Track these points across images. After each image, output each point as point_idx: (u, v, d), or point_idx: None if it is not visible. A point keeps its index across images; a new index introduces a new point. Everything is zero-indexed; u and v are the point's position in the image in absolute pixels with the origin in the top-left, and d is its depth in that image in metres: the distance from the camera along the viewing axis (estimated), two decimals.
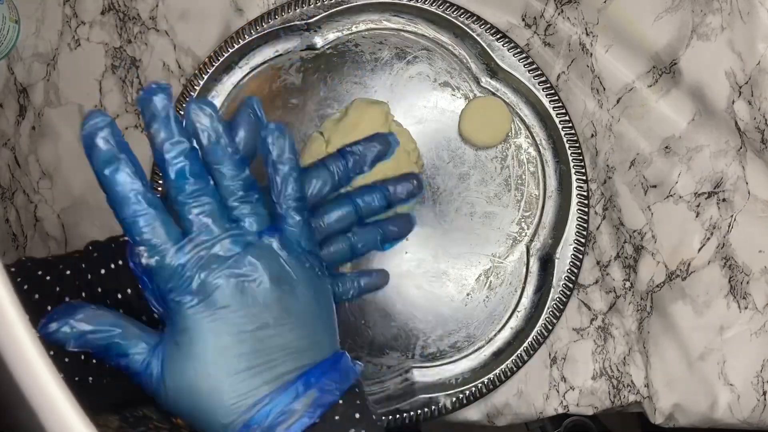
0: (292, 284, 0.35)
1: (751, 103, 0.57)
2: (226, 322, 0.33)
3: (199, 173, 0.34)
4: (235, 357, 0.33)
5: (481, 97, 0.59)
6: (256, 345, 0.34)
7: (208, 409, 0.34)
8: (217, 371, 0.33)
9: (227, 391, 0.33)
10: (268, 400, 0.33)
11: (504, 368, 0.57)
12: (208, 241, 0.34)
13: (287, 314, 0.35)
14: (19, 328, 0.21)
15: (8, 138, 0.63)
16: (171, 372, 0.34)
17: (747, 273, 0.58)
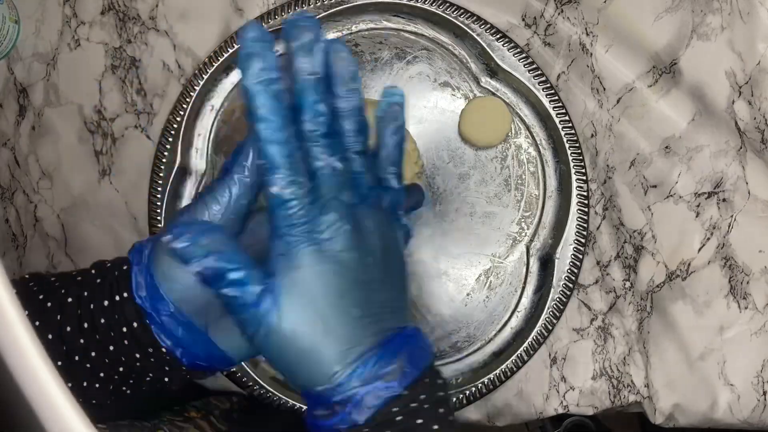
0: (392, 247, 0.37)
1: (751, 103, 0.57)
2: (347, 266, 0.34)
3: (334, 118, 0.35)
4: (352, 303, 0.34)
5: (481, 97, 0.59)
6: (367, 295, 0.34)
7: (317, 354, 0.33)
8: (334, 314, 0.33)
9: (341, 337, 0.33)
10: (375, 351, 0.33)
11: (504, 368, 0.57)
12: (335, 184, 0.34)
13: (389, 273, 0.36)
14: (19, 329, 0.21)
15: (8, 138, 0.63)
16: (287, 310, 0.33)
17: (747, 273, 0.58)
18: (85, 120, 0.62)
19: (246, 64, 0.32)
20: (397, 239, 0.38)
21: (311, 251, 0.33)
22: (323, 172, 0.34)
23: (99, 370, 0.39)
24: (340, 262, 0.33)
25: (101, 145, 0.62)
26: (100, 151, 0.62)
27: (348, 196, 0.35)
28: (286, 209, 0.33)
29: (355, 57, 0.35)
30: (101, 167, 0.62)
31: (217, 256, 0.33)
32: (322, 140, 0.34)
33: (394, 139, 0.38)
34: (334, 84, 0.35)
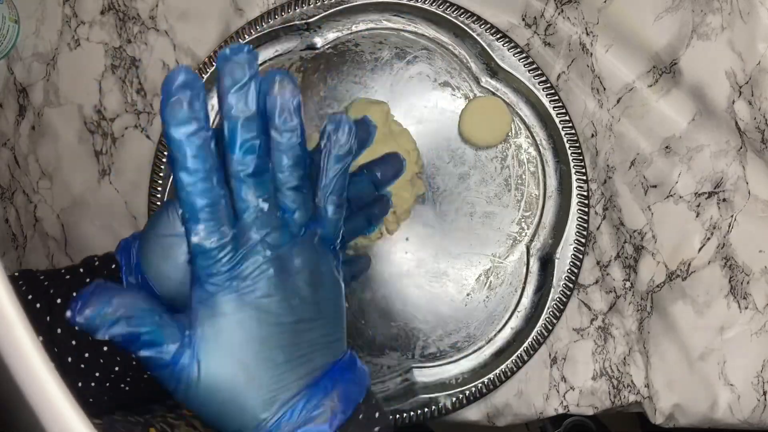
0: (324, 281, 0.35)
1: (752, 103, 0.57)
2: (270, 312, 0.32)
3: (266, 154, 0.33)
4: (275, 349, 0.33)
5: (481, 97, 0.59)
6: (293, 338, 0.33)
7: (242, 404, 0.32)
8: (256, 362, 0.32)
9: (266, 384, 0.32)
10: (303, 395, 0.33)
11: (504, 368, 0.57)
12: (261, 227, 0.33)
13: (318, 310, 0.34)
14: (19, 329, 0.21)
15: (8, 138, 0.63)
16: (206, 362, 0.32)
17: (747, 273, 0.58)
18: (85, 120, 0.62)
19: (168, 112, 0.30)
20: (332, 271, 0.36)
21: (232, 299, 0.32)
22: (249, 214, 0.33)
23: (94, 370, 0.38)
24: (260, 308, 0.32)
25: (101, 145, 0.62)
26: (100, 151, 0.62)
27: (275, 237, 0.33)
28: (207, 258, 0.32)
29: (298, 92, 0.33)
30: (101, 167, 0.62)
31: (126, 322, 0.31)
32: (250, 180, 0.32)
33: (337, 167, 0.35)
34: (272, 117, 0.32)
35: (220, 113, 0.32)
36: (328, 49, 0.60)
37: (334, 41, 0.60)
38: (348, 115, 0.35)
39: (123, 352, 0.38)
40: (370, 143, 0.40)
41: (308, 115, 0.60)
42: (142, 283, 0.36)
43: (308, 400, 0.33)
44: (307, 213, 0.35)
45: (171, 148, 0.31)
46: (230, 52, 0.31)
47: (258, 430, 0.32)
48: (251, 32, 0.59)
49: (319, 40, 0.60)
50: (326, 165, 0.35)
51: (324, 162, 0.35)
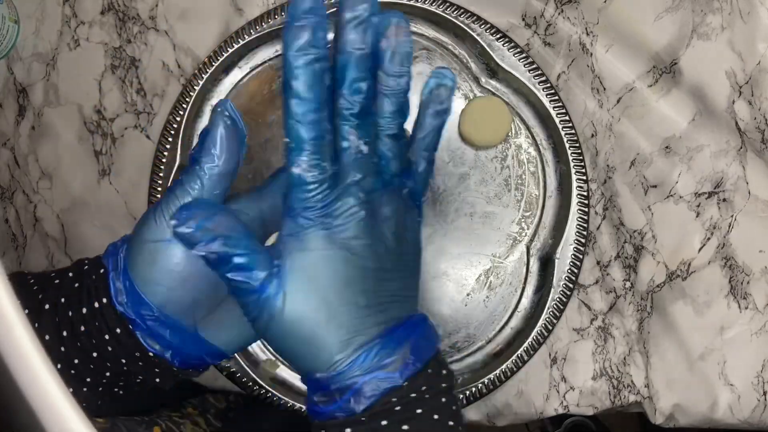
0: (407, 236, 0.35)
1: (752, 103, 0.57)
2: (357, 254, 0.33)
3: (371, 97, 0.33)
4: (358, 291, 0.33)
5: (481, 97, 0.59)
6: (375, 284, 0.33)
7: (320, 341, 0.32)
8: (340, 302, 0.32)
9: (345, 324, 0.32)
10: (378, 341, 0.33)
11: (504, 368, 0.57)
12: (358, 170, 0.33)
13: (400, 262, 0.35)
14: (19, 329, 0.21)
15: (8, 138, 0.63)
16: (291, 295, 0.32)
17: (747, 273, 0.58)
18: (84, 120, 0.62)
19: (291, 35, 0.30)
20: (415, 228, 0.37)
21: (322, 235, 0.32)
22: (348, 154, 0.33)
23: (85, 376, 0.38)
24: (350, 249, 0.33)
25: (101, 145, 0.62)
26: (99, 151, 0.62)
27: (369, 181, 0.33)
28: (304, 191, 0.32)
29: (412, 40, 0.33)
30: (101, 167, 0.62)
31: (223, 241, 0.32)
32: (354, 120, 0.32)
33: (434, 122, 0.36)
34: (383, 59, 0.32)
35: (333, 49, 0.32)
36: (328, 49, 0.60)
37: None
38: (452, 71, 0.36)
39: (113, 359, 0.37)
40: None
41: None
42: (129, 288, 0.36)
43: (382, 347, 0.33)
44: (402, 163, 0.35)
45: (286, 73, 0.30)
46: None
47: (331, 370, 0.33)
48: (251, 32, 0.59)
49: None
50: (424, 119, 0.35)
51: (422, 116, 0.35)
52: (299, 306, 0.32)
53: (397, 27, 0.32)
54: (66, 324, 0.37)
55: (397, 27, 0.32)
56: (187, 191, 0.35)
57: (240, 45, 0.59)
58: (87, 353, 0.37)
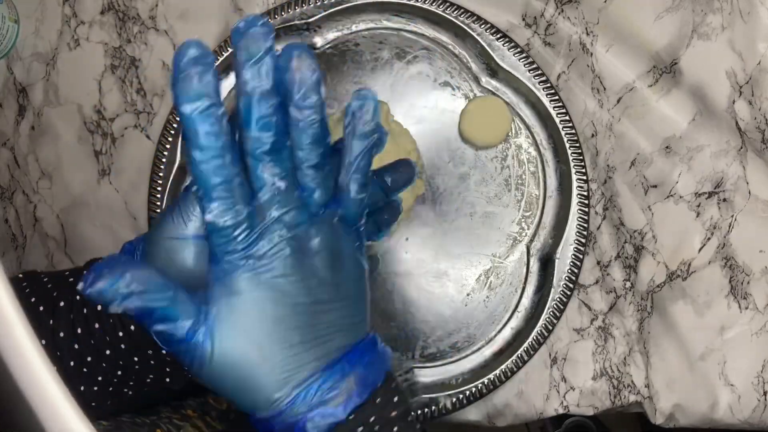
0: (344, 262, 0.34)
1: (752, 103, 0.57)
2: (285, 292, 0.32)
3: (284, 131, 0.32)
4: (291, 329, 0.32)
5: (481, 97, 0.59)
6: (310, 319, 0.33)
7: (256, 383, 0.32)
8: (271, 342, 0.32)
9: (279, 364, 0.32)
10: (318, 376, 0.32)
11: (504, 368, 0.57)
12: (278, 206, 0.32)
13: (338, 291, 0.34)
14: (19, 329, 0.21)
15: (8, 138, 0.63)
16: (221, 340, 0.31)
17: (747, 273, 0.58)
18: (84, 120, 0.62)
19: (179, 88, 0.29)
20: (352, 253, 0.35)
21: (247, 277, 0.32)
22: (264, 192, 0.32)
23: (96, 374, 0.38)
24: (277, 288, 0.32)
25: (101, 145, 0.62)
26: (99, 151, 0.62)
27: (292, 215, 0.32)
28: (222, 236, 0.31)
29: (318, 67, 0.32)
30: (101, 167, 0.62)
31: (139, 296, 0.30)
32: (267, 157, 0.31)
33: (363, 144, 0.34)
34: (291, 94, 0.31)
35: (236, 90, 0.32)
36: (328, 49, 0.60)
37: (334, 41, 0.60)
38: (374, 92, 0.34)
39: (125, 357, 0.38)
40: (410, 182, 0.41)
41: None
42: None
43: (323, 381, 0.32)
44: (328, 192, 0.34)
45: (183, 125, 0.30)
46: (245, 25, 0.30)
47: (272, 409, 0.32)
48: None
49: (319, 40, 0.60)
50: (351, 143, 0.34)
51: (348, 140, 0.34)
52: (229, 350, 0.32)
53: (299, 58, 0.31)
54: (80, 321, 0.37)
55: (299, 58, 0.31)
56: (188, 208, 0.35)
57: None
58: (100, 351, 0.37)
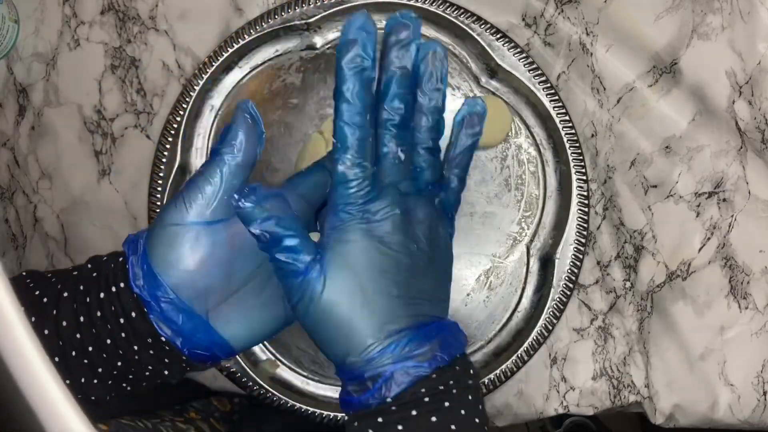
0: (438, 241, 0.39)
1: (752, 103, 0.57)
2: (392, 248, 0.36)
3: (411, 112, 0.37)
4: (392, 282, 0.36)
5: (482, 97, 0.59)
6: (408, 278, 0.36)
7: (355, 325, 0.35)
8: (374, 288, 0.35)
9: (378, 311, 0.35)
10: (409, 332, 0.35)
11: (504, 368, 0.57)
12: (396, 173, 0.37)
13: (431, 264, 0.38)
14: (19, 329, 0.21)
15: (8, 138, 0.63)
16: (331, 280, 0.35)
17: (747, 273, 0.58)
18: (84, 120, 0.62)
19: (345, 47, 0.35)
20: (445, 235, 0.40)
21: (361, 229, 0.36)
22: (387, 159, 0.37)
23: (96, 366, 0.39)
24: (385, 242, 0.36)
25: (101, 145, 0.62)
26: (99, 151, 0.62)
27: (405, 185, 0.37)
28: (347, 188, 0.36)
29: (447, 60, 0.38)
30: (101, 167, 0.62)
31: (276, 221, 0.35)
32: (394, 130, 0.36)
33: (467, 143, 0.40)
34: (421, 81, 0.37)
35: (379, 69, 0.37)
36: (328, 49, 0.60)
37: (334, 41, 0.60)
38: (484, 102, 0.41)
39: (125, 345, 0.38)
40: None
41: (308, 115, 0.60)
42: (146, 272, 0.37)
43: (412, 338, 0.35)
44: (435, 174, 0.39)
45: (338, 80, 0.35)
46: (400, 15, 0.36)
47: (364, 354, 0.35)
48: (251, 32, 0.59)
49: (319, 40, 0.60)
50: (457, 140, 0.40)
51: (455, 137, 0.40)
52: (337, 290, 0.35)
53: (434, 53, 0.37)
54: (83, 310, 0.38)
55: (434, 53, 0.37)
56: (208, 180, 0.37)
57: (240, 45, 0.59)
58: (101, 340, 0.38)
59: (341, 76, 0.35)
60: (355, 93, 0.35)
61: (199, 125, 0.60)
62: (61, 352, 0.38)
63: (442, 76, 0.37)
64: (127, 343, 0.38)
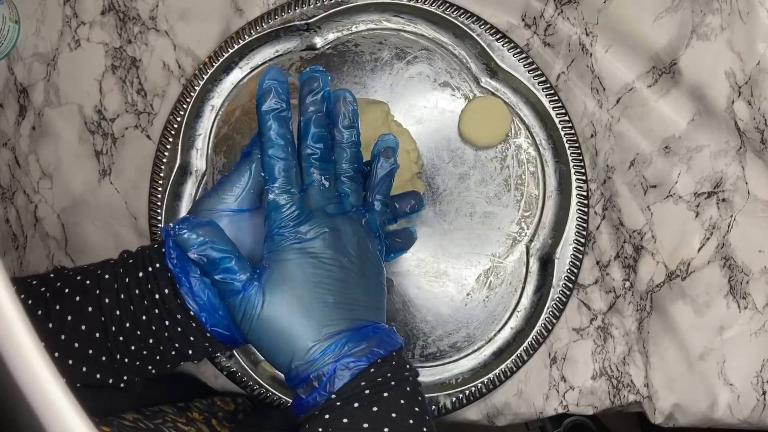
0: (369, 255, 0.43)
1: (751, 103, 0.57)
2: (323, 263, 0.40)
3: (330, 146, 0.43)
4: (327, 291, 0.40)
5: (481, 97, 0.59)
6: (341, 287, 0.40)
7: (295, 331, 0.39)
8: (310, 298, 0.39)
9: (316, 317, 0.39)
10: (347, 333, 0.39)
11: (504, 368, 0.57)
12: (322, 198, 0.42)
13: (362, 275, 0.42)
14: (19, 328, 0.21)
15: (8, 138, 0.63)
16: (269, 294, 0.39)
17: (747, 273, 0.58)
18: (85, 120, 0.62)
19: (262, 97, 0.40)
20: (374, 251, 0.44)
21: (295, 248, 0.40)
22: (313, 187, 0.42)
23: (130, 343, 0.43)
24: (318, 257, 0.40)
25: (101, 145, 0.62)
26: (100, 151, 0.62)
27: (332, 208, 0.42)
28: (279, 213, 0.40)
29: (355, 102, 0.44)
30: (101, 167, 0.62)
31: (211, 245, 0.39)
32: (317, 162, 0.42)
33: (383, 173, 0.45)
34: (336, 120, 0.43)
35: (298, 115, 0.42)
36: (328, 49, 0.60)
37: (334, 41, 0.60)
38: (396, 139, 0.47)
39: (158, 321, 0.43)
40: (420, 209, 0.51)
41: None
42: (180, 252, 0.42)
43: (350, 338, 0.39)
44: (358, 199, 0.44)
45: (261, 125, 0.41)
46: (311, 70, 0.43)
47: (307, 356, 0.39)
48: (251, 32, 0.59)
49: (319, 40, 0.60)
50: (375, 171, 0.45)
51: (374, 168, 0.45)
52: (276, 303, 0.39)
53: (344, 98, 0.43)
54: (123, 288, 0.43)
55: (344, 98, 0.43)
56: (240, 175, 0.44)
57: (240, 45, 0.59)
58: (138, 316, 0.43)
59: (263, 119, 0.40)
60: (276, 132, 0.40)
61: (200, 125, 0.60)
62: (102, 328, 0.43)
63: (354, 116, 0.43)
64: (160, 319, 0.43)
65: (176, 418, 0.47)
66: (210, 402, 0.54)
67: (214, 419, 0.51)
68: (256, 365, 0.59)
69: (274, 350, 0.40)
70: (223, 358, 0.58)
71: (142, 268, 0.43)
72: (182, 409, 0.50)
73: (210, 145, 0.60)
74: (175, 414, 0.48)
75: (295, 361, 0.39)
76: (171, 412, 0.48)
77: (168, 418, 0.46)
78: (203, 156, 0.60)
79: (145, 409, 0.46)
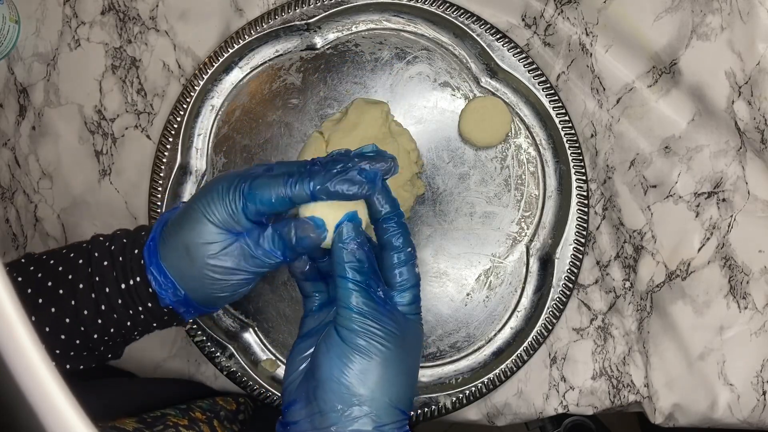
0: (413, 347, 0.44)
1: (751, 103, 0.57)
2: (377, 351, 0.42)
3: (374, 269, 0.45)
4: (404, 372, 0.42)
5: (481, 97, 0.59)
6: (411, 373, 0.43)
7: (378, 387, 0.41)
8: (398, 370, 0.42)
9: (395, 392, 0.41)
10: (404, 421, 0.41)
11: (504, 368, 0.57)
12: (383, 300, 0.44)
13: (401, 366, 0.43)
14: (19, 328, 0.21)
15: (8, 138, 0.63)
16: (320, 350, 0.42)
17: (747, 273, 0.58)
18: (85, 120, 0.62)
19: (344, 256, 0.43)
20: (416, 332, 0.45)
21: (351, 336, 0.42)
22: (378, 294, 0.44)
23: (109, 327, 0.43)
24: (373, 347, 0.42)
25: (101, 145, 0.62)
26: (100, 151, 0.62)
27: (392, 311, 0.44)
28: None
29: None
30: (101, 167, 0.62)
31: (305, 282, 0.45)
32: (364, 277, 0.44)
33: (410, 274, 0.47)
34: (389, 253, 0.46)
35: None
36: (328, 49, 0.60)
37: (334, 41, 0.60)
38: None
39: None
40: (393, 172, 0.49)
41: (308, 115, 0.60)
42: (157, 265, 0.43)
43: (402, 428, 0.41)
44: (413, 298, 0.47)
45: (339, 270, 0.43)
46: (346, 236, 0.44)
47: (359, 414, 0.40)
48: (251, 32, 0.59)
49: (319, 40, 0.60)
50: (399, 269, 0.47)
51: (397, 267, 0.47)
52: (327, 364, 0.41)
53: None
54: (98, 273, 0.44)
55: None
56: None
57: (240, 45, 0.59)
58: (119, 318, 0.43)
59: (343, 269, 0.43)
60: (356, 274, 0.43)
61: (200, 125, 0.60)
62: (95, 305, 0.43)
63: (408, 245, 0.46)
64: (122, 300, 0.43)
65: (178, 420, 0.47)
66: (212, 401, 0.54)
67: (216, 419, 0.51)
68: (255, 365, 0.59)
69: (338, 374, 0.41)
70: (223, 358, 0.58)
71: (122, 253, 0.45)
72: (185, 410, 0.50)
73: (210, 145, 0.60)
74: (177, 416, 0.48)
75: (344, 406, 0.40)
76: (173, 414, 0.48)
77: (170, 422, 0.46)
78: (203, 156, 0.60)
79: (146, 415, 0.46)
